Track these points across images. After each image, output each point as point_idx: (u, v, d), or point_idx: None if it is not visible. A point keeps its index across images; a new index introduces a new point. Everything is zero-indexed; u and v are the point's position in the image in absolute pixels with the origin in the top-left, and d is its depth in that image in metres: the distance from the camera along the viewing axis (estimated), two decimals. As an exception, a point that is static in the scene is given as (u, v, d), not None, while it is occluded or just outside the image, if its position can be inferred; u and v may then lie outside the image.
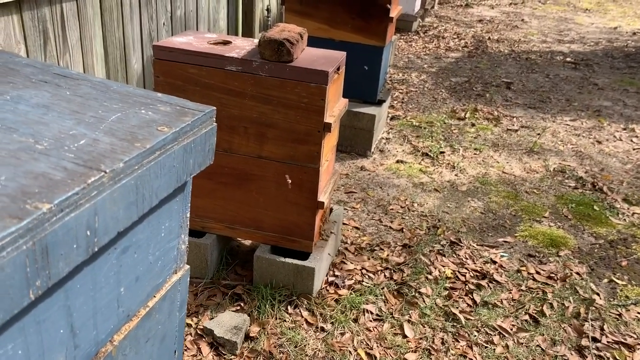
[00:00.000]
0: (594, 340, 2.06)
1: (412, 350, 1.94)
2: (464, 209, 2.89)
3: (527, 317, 2.15)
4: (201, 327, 1.95)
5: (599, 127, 4.08)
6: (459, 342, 2.00)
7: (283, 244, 2.13)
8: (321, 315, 2.06)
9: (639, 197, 3.11)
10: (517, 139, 3.77)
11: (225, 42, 2.01)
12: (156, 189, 0.66)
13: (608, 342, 2.05)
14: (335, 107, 2.05)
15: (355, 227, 2.65)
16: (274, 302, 2.08)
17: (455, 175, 3.23)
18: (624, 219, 2.89)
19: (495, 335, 2.05)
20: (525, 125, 4.02)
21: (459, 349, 1.97)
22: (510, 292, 2.28)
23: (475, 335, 2.03)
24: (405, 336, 2.01)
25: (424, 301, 2.18)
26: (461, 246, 2.56)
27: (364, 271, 2.34)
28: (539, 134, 3.87)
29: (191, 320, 2.00)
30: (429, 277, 2.33)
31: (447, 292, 2.25)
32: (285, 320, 2.02)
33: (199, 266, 2.16)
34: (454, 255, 2.49)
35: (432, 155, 3.44)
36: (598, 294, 2.31)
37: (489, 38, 6.39)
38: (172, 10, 3.28)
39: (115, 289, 0.68)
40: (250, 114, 1.95)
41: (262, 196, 2.07)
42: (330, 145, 2.13)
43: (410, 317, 2.10)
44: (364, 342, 1.97)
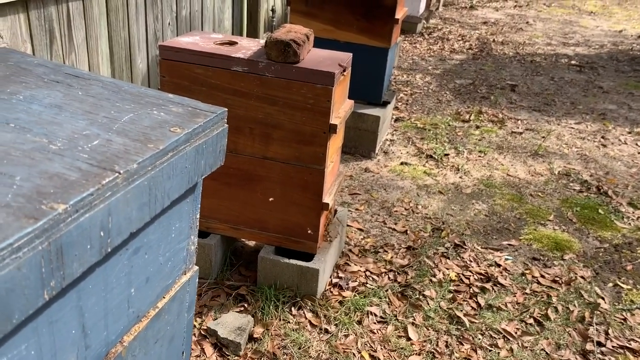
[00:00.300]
0: (599, 344, 2.05)
1: (416, 353, 1.94)
2: (468, 211, 2.88)
3: (531, 321, 2.14)
4: (205, 327, 1.95)
5: (604, 130, 4.07)
6: (463, 345, 2.00)
7: (287, 245, 2.13)
8: (325, 316, 2.06)
9: (643, 201, 3.10)
10: (522, 142, 3.77)
11: (232, 43, 2.01)
12: (168, 190, 0.65)
13: (613, 346, 2.05)
14: (341, 108, 2.05)
15: (359, 229, 2.65)
16: (278, 303, 2.08)
17: (460, 177, 3.23)
18: (629, 223, 2.88)
19: (499, 338, 2.04)
20: (530, 128, 4.01)
21: (463, 352, 1.96)
22: (515, 296, 2.27)
23: (479, 339, 2.03)
24: (409, 339, 2.00)
25: (428, 304, 2.18)
26: (465, 249, 2.55)
27: (368, 273, 2.33)
28: (543, 137, 3.86)
29: (195, 320, 2.00)
30: (433, 279, 2.32)
31: (452, 294, 2.24)
32: (289, 322, 2.01)
33: (203, 267, 2.16)
34: (458, 258, 2.49)
35: (436, 157, 3.43)
36: (603, 298, 2.30)
37: (494, 40, 6.38)
38: (178, 10, 3.28)
39: (126, 290, 0.68)
40: (255, 115, 1.95)
41: (267, 197, 2.07)
42: (336, 146, 2.13)
43: (414, 319, 2.09)
44: (368, 344, 1.96)
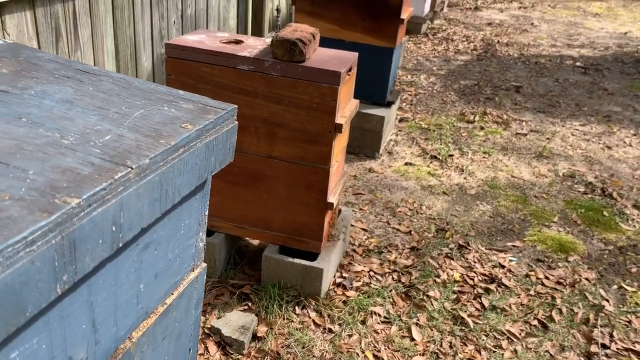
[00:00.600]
0: (603, 346, 2.05)
1: (419, 354, 1.94)
2: (472, 212, 2.88)
3: (535, 322, 2.14)
4: (209, 326, 1.95)
5: (608, 132, 4.06)
6: (467, 346, 1.99)
7: (291, 244, 2.13)
8: (329, 316, 2.06)
9: (648, 204, 3.09)
10: (526, 143, 3.76)
11: (237, 42, 2.01)
12: (179, 186, 0.65)
13: (617, 348, 2.04)
14: (347, 108, 2.05)
15: (363, 229, 2.64)
16: (282, 302, 2.07)
17: (464, 178, 3.22)
18: (634, 225, 2.88)
19: (503, 339, 2.04)
20: (534, 129, 4.00)
21: (467, 352, 1.96)
22: (519, 297, 2.27)
23: (483, 340, 2.03)
24: (413, 339, 2.00)
25: (432, 304, 2.17)
26: (469, 250, 2.55)
27: (371, 273, 2.33)
28: (548, 139, 3.85)
29: (199, 318, 2.00)
30: (437, 280, 2.32)
31: (456, 295, 2.24)
32: (292, 321, 2.01)
33: (207, 265, 2.16)
34: (462, 258, 2.48)
35: (440, 158, 3.43)
36: (607, 300, 2.29)
37: (498, 41, 6.37)
38: (183, 9, 3.29)
39: (135, 286, 0.68)
40: (261, 114, 1.95)
41: (271, 196, 2.07)
42: (341, 146, 2.13)
43: (418, 320, 2.09)
44: (372, 344, 1.96)
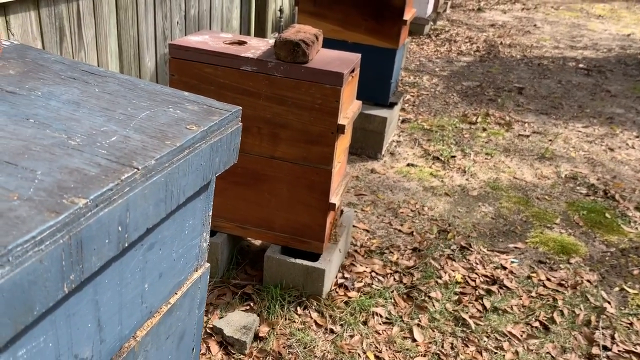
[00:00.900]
0: (605, 348, 2.05)
1: (421, 355, 1.94)
2: (474, 213, 2.88)
3: (537, 324, 2.14)
4: (211, 325, 1.95)
5: (611, 134, 4.06)
6: (468, 347, 1.99)
7: (293, 244, 2.13)
8: (330, 316, 2.06)
9: (651, 206, 3.09)
10: (529, 145, 3.76)
11: (241, 42, 2.02)
12: (184, 187, 0.66)
13: (619, 350, 2.04)
14: (349, 108, 2.06)
15: (365, 230, 2.65)
16: (284, 302, 2.08)
17: (466, 179, 3.22)
18: (636, 227, 2.87)
19: (505, 341, 2.04)
20: (537, 131, 4.00)
21: (469, 354, 1.96)
22: (521, 299, 2.27)
23: (485, 341, 2.03)
24: (414, 340, 2.00)
25: (433, 305, 2.18)
26: (471, 251, 2.55)
27: (373, 274, 2.33)
28: (550, 140, 3.85)
29: (201, 318, 2.00)
30: (439, 281, 2.32)
31: (457, 296, 2.24)
32: (294, 321, 2.02)
33: (210, 265, 2.17)
34: (464, 260, 2.48)
35: (443, 159, 3.43)
36: (609, 302, 2.30)
37: (501, 43, 6.37)
38: (186, 10, 3.30)
39: (140, 285, 0.69)
40: (264, 114, 1.96)
41: (273, 196, 2.07)
42: (343, 147, 2.13)
43: (419, 321, 2.09)
44: (373, 345, 1.97)
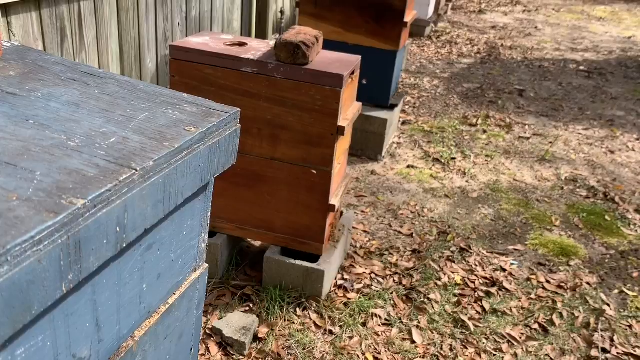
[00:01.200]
0: (604, 351, 2.05)
1: (420, 356, 1.94)
2: (474, 215, 2.88)
3: (536, 326, 2.14)
4: (210, 326, 1.96)
5: (611, 136, 4.06)
6: (467, 349, 2.00)
7: (293, 245, 2.14)
8: (330, 318, 2.06)
9: (651, 209, 3.09)
10: (529, 147, 3.76)
11: (241, 44, 2.02)
12: (182, 188, 0.67)
13: (618, 353, 2.04)
14: (349, 110, 2.06)
15: (365, 231, 2.65)
16: (283, 303, 2.08)
17: (466, 181, 3.23)
18: (636, 230, 2.88)
19: (504, 343, 2.04)
20: (537, 133, 4.01)
21: (468, 356, 1.96)
22: (520, 301, 2.27)
23: (484, 343, 2.03)
24: (413, 342, 2.00)
25: (433, 307, 2.18)
26: (471, 253, 2.55)
27: (373, 275, 2.34)
28: (551, 142, 3.85)
29: (201, 319, 2.01)
30: (438, 283, 2.32)
31: (457, 298, 2.24)
32: (294, 322, 2.02)
33: (208, 266, 2.17)
34: (463, 262, 2.49)
35: (443, 161, 3.44)
36: (608, 305, 2.30)
37: (502, 45, 6.37)
38: (187, 11, 3.31)
39: (138, 285, 0.69)
40: (264, 116, 1.96)
41: (273, 198, 2.08)
42: (343, 148, 2.14)
43: (419, 322, 2.10)
44: (372, 347, 1.97)
